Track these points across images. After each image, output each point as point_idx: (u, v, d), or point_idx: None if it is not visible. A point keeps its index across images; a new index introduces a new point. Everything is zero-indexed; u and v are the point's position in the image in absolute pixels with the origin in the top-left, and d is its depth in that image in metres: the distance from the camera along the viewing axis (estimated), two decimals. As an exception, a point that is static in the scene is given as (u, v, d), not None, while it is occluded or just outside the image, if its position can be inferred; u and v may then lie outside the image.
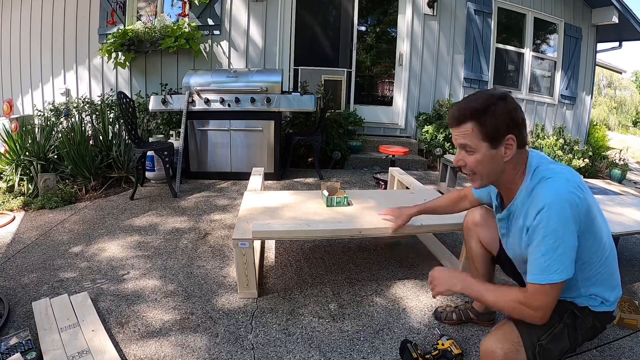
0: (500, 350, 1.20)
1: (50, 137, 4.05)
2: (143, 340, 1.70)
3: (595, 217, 1.17)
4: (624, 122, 18.31)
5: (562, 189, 1.11)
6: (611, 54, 37.06)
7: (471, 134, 1.18)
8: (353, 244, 2.68)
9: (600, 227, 1.20)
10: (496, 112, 1.16)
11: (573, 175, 1.17)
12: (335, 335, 1.76)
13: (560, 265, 1.10)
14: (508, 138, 1.17)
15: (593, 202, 1.17)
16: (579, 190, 1.12)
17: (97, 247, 2.60)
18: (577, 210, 1.10)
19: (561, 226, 1.09)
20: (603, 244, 1.21)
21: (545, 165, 1.21)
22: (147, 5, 5.38)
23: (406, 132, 5.81)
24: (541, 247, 1.12)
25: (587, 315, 1.26)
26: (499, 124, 1.16)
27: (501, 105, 1.16)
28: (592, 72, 6.83)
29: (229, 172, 4.24)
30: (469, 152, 1.21)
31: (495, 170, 1.23)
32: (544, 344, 1.21)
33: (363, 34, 6.15)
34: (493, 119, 1.16)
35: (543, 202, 1.12)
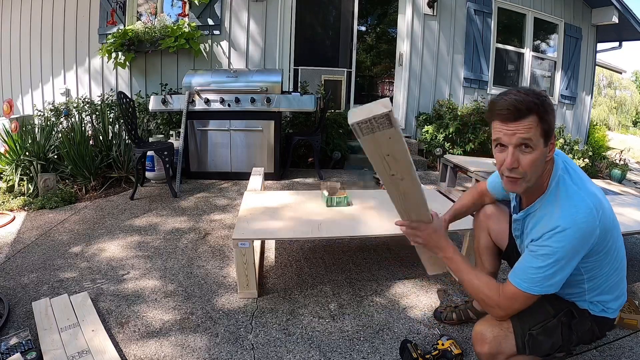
0: (490, 333, 1.24)
1: (50, 137, 4.05)
2: (143, 340, 1.70)
3: (612, 234, 1.15)
4: (624, 122, 18.31)
5: (580, 216, 1.07)
6: (611, 54, 37.09)
7: (535, 129, 1.07)
8: (353, 244, 2.68)
9: (616, 241, 1.18)
10: (551, 107, 1.10)
11: (593, 195, 1.12)
12: (335, 335, 1.76)
13: (545, 283, 1.12)
14: (553, 136, 1.14)
15: (611, 217, 1.14)
16: (597, 215, 1.08)
17: (97, 247, 2.60)
18: (588, 239, 1.09)
19: (565, 253, 1.08)
20: (615, 257, 1.20)
21: (570, 176, 1.16)
22: (146, 3, 5.38)
23: (406, 132, 5.81)
24: (538, 260, 1.12)
25: (586, 318, 1.26)
26: (552, 120, 1.11)
27: (550, 101, 1.12)
28: (592, 72, 6.83)
29: (229, 172, 4.24)
30: (525, 151, 1.09)
31: (540, 171, 1.15)
32: (534, 334, 1.23)
33: (363, 34, 6.15)
34: (549, 114, 1.09)
35: (558, 223, 1.09)
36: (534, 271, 1.12)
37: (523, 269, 1.15)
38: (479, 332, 1.28)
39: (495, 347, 1.24)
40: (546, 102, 1.09)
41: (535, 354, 1.24)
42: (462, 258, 1.27)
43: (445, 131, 5.12)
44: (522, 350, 1.23)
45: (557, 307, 1.27)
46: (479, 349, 1.28)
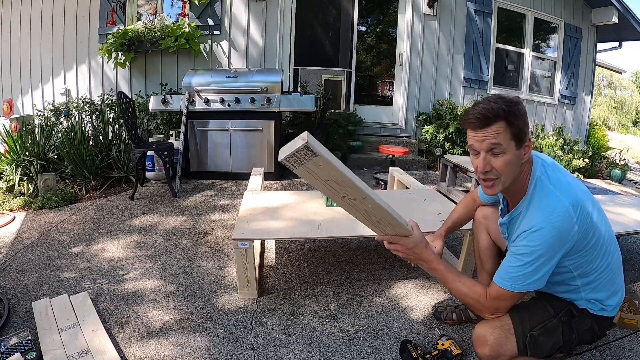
0: (491, 335, 1.25)
1: (50, 137, 4.05)
2: (143, 340, 1.70)
3: (597, 230, 1.17)
4: (624, 122, 18.31)
5: (555, 216, 1.12)
6: (611, 54, 37.10)
7: (504, 133, 1.14)
8: (353, 244, 2.68)
9: (602, 237, 1.20)
10: (520, 112, 1.16)
11: (572, 194, 1.15)
12: (335, 335, 1.76)
13: (525, 280, 1.15)
14: (528, 139, 1.19)
15: (593, 216, 1.17)
16: (574, 214, 1.12)
17: (97, 247, 2.60)
18: (565, 237, 1.12)
19: (542, 252, 1.13)
20: (604, 252, 1.22)
21: (547, 176, 1.20)
22: (146, 3, 5.38)
23: (406, 132, 5.81)
24: (516, 259, 1.16)
25: (585, 317, 1.27)
26: (523, 124, 1.16)
27: (521, 106, 1.17)
28: (592, 72, 6.83)
29: (229, 172, 4.24)
30: (496, 154, 1.16)
31: (516, 172, 1.21)
32: (536, 335, 1.24)
33: (363, 34, 6.15)
34: (519, 119, 1.15)
35: (533, 223, 1.14)
36: (514, 270, 1.16)
37: (504, 268, 1.19)
38: (480, 334, 1.28)
39: (497, 349, 1.24)
40: (515, 108, 1.15)
41: (536, 355, 1.24)
42: (445, 267, 1.28)
43: (445, 131, 5.12)
44: (523, 351, 1.23)
45: (557, 307, 1.28)
46: (480, 351, 1.28)
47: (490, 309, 1.23)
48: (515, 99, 1.18)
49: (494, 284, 1.20)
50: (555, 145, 5.49)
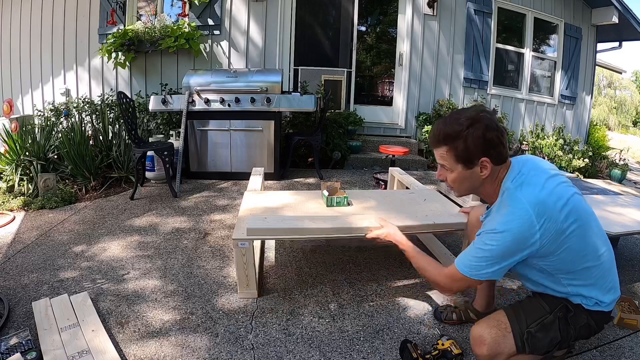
0: (488, 335, 1.28)
1: (50, 137, 4.05)
2: (143, 340, 1.70)
3: (570, 235, 1.20)
4: (624, 122, 18.30)
5: (514, 224, 1.18)
6: (611, 54, 37.06)
7: (447, 156, 1.28)
8: (353, 244, 2.68)
9: (579, 240, 1.22)
10: (467, 137, 1.23)
11: (540, 202, 1.18)
12: (335, 335, 1.76)
13: (479, 270, 1.24)
14: (482, 160, 1.25)
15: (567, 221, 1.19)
16: (536, 222, 1.17)
17: (97, 247, 2.60)
18: (523, 243, 1.19)
19: (497, 253, 1.21)
20: (585, 254, 1.23)
21: (519, 183, 1.24)
22: (146, 5, 5.38)
23: (406, 132, 5.81)
24: (477, 250, 1.25)
25: (581, 312, 1.28)
26: (471, 148, 1.24)
27: (472, 130, 1.23)
28: (592, 72, 6.83)
29: (229, 172, 4.24)
30: (447, 169, 1.31)
31: (474, 185, 1.32)
32: (533, 332, 1.26)
33: (363, 34, 6.15)
34: (464, 143, 1.23)
35: (495, 226, 1.22)
36: (472, 259, 1.26)
37: (466, 253, 1.29)
38: (477, 334, 1.30)
39: (494, 348, 1.25)
40: (463, 132, 1.23)
41: (535, 351, 1.25)
42: (413, 248, 1.53)
43: (445, 131, 5.12)
44: (521, 349, 1.24)
45: (552, 304, 1.30)
46: (478, 351, 1.29)
47: (443, 285, 1.36)
48: (472, 119, 1.24)
49: (452, 265, 1.31)
50: (555, 145, 5.48)
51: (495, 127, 1.25)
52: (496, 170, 1.29)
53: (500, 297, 2.08)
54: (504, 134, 1.27)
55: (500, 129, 1.26)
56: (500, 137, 1.25)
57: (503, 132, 1.26)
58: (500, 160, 1.28)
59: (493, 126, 1.24)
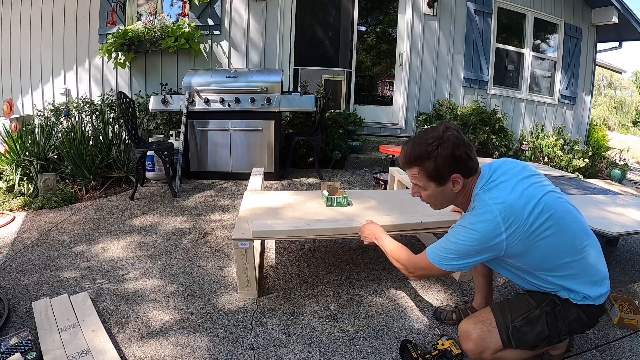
0: (473, 330, 1.33)
1: (50, 137, 4.05)
2: (143, 340, 1.70)
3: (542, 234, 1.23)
4: (624, 122, 18.30)
5: (480, 225, 1.24)
6: (611, 54, 37.07)
7: (419, 176, 1.34)
8: (353, 244, 2.68)
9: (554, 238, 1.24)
10: (437, 157, 1.28)
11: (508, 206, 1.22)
12: (335, 335, 1.76)
13: (447, 262, 1.30)
14: (454, 177, 1.31)
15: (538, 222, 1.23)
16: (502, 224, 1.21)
17: (97, 247, 2.60)
18: (488, 242, 1.24)
19: (464, 249, 1.26)
20: (561, 251, 1.26)
21: (487, 189, 1.29)
22: (146, 3, 5.38)
23: (406, 132, 5.81)
24: (447, 242, 1.32)
25: (570, 307, 1.30)
26: (441, 167, 1.29)
27: (441, 150, 1.28)
28: (592, 72, 6.83)
29: (229, 172, 4.24)
30: (420, 187, 1.38)
31: (448, 199, 1.39)
32: (518, 326, 1.30)
33: (363, 34, 6.15)
34: (434, 163, 1.29)
35: (463, 223, 1.29)
36: (440, 249, 1.33)
37: (437, 243, 1.35)
38: (464, 330, 1.36)
39: (480, 343, 1.29)
40: (433, 152, 1.28)
41: (521, 346, 1.29)
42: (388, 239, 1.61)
43: (445, 131, 5.11)
44: (507, 343, 1.28)
45: (538, 299, 1.34)
46: (465, 347, 1.35)
47: (410, 269, 1.43)
48: (439, 139, 1.28)
49: (424, 252, 1.37)
50: (555, 145, 5.48)
51: (462, 143, 1.29)
52: (467, 182, 1.34)
53: (499, 297, 2.08)
54: (472, 148, 1.32)
55: (467, 144, 1.30)
56: (468, 152, 1.30)
57: (471, 147, 1.32)
58: (470, 173, 1.33)
59: (460, 143, 1.29)
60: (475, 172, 1.34)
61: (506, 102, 6.08)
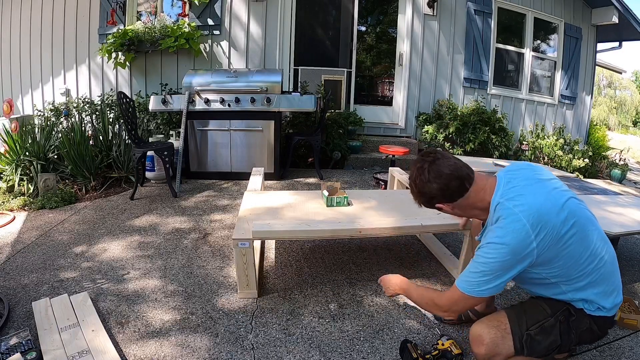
0: (487, 335, 1.28)
1: (50, 137, 4.05)
2: (143, 340, 1.70)
3: (569, 240, 1.20)
4: (624, 122, 18.31)
5: (509, 237, 1.19)
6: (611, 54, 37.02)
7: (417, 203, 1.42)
8: (353, 244, 2.68)
9: (579, 244, 1.21)
10: (416, 198, 1.39)
11: (534, 212, 1.19)
12: (335, 335, 1.76)
13: (480, 287, 1.23)
14: (437, 207, 1.35)
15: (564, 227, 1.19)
16: (531, 232, 1.17)
17: (97, 247, 2.60)
18: (520, 253, 1.19)
19: (496, 266, 1.21)
20: (585, 259, 1.23)
21: (505, 201, 1.25)
22: (146, 3, 5.38)
23: (406, 132, 5.81)
24: (476, 266, 1.25)
25: (584, 317, 1.27)
26: (422, 204, 1.38)
27: (413, 190, 1.36)
28: (592, 72, 6.82)
29: (229, 172, 4.24)
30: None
31: (460, 214, 1.40)
32: (532, 334, 1.26)
33: (363, 34, 6.15)
34: (418, 200, 1.39)
35: (491, 240, 1.23)
36: (471, 276, 1.25)
37: (464, 272, 1.29)
38: (476, 334, 1.31)
39: (493, 349, 1.25)
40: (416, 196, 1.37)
41: (533, 354, 1.25)
42: (414, 289, 1.53)
43: (445, 131, 5.12)
44: (520, 350, 1.24)
45: (554, 307, 1.29)
46: (476, 350, 1.29)
47: (447, 308, 1.33)
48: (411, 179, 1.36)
49: (454, 285, 1.30)
50: (556, 145, 5.48)
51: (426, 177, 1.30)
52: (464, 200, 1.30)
53: (500, 297, 2.08)
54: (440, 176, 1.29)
55: (438, 175, 1.28)
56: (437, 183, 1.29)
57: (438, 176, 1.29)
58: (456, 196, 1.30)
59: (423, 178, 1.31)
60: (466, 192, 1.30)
61: (506, 102, 6.08)
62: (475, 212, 1.35)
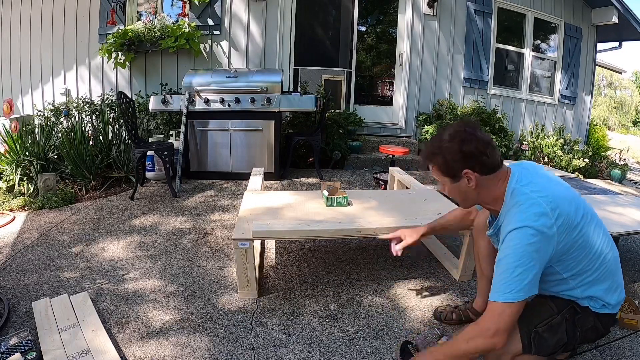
0: None
1: (50, 137, 4.05)
2: (143, 340, 1.70)
3: (582, 231, 1.19)
4: (624, 122, 18.31)
5: (531, 217, 1.15)
6: (611, 54, 37.03)
7: (436, 172, 1.33)
8: (353, 244, 2.68)
9: (589, 237, 1.21)
10: (445, 152, 1.27)
11: (550, 197, 1.17)
12: (335, 335, 1.76)
13: (517, 286, 1.13)
14: (465, 172, 1.26)
15: (577, 217, 1.19)
16: (551, 215, 1.14)
17: (97, 247, 2.60)
18: (545, 237, 1.14)
19: (523, 250, 1.13)
20: (594, 253, 1.22)
21: (525, 183, 1.23)
22: (146, 3, 5.38)
23: (406, 132, 5.81)
24: (501, 266, 1.17)
25: (589, 315, 1.27)
26: (450, 162, 1.27)
27: (449, 145, 1.26)
28: (592, 72, 6.83)
29: (229, 172, 4.24)
30: (440, 183, 1.37)
31: (470, 196, 1.33)
32: (540, 332, 1.25)
33: (363, 34, 6.15)
34: (443, 159, 1.28)
35: (512, 225, 1.17)
36: (501, 278, 1.16)
37: (495, 280, 1.18)
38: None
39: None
40: (442, 148, 1.27)
41: (540, 352, 1.24)
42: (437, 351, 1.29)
43: (445, 131, 5.12)
44: (527, 349, 1.23)
45: (560, 305, 1.29)
46: None
47: (491, 331, 1.14)
48: (450, 134, 1.27)
49: (489, 303, 1.17)
50: (556, 145, 5.48)
51: (473, 139, 1.24)
52: (488, 180, 1.27)
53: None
54: (487, 144, 1.25)
55: (481, 140, 1.24)
56: (480, 148, 1.24)
57: (485, 143, 1.24)
58: (487, 170, 1.26)
59: (470, 138, 1.24)
60: (495, 171, 1.27)
61: (506, 102, 6.08)
62: (490, 200, 1.32)
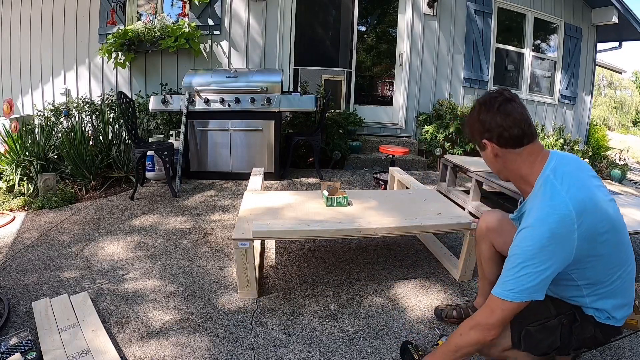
0: None
1: (50, 137, 4.05)
2: (143, 340, 1.70)
3: (606, 241, 1.12)
4: (624, 122, 18.32)
5: (553, 218, 1.07)
6: (611, 54, 37.04)
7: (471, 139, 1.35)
8: (353, 244, 2.68)
9: (612, 249, 1.14)
10: (469, 120, 1.30)
11: (581, 199, 1.09)
12: (335, 335, 1.76)
13: (520, 286, 1.08)
14: (483, 142, 1.27)
15: (604, 225, 1.11)
16: (575, 220, 1.07)
17: (97, 247, 2.60)
18: (562, 242, 1.07)
19: (534, 252, 1.07)
20: (614, 266, 1.16)
21: (560, 175, 1.15)
22: (146, 3, 5.38)
23: (406, 132, 5.81)
24: (510, 261, 1.12)
25: (589, 324, 1.23)
26: (471, 130, 1.31)
27: (473, 113, 1.28)
28: (592, 72, 6.83)
29: (229, 172, 4.24)
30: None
31: (496, 167, 1.31)
32: (532, 331, 1.22)
33: (363, 34, 6.15)
34: (467, 127, 1.32)
35: (530, 221, 1.11)
36: (509, 275, 1.11)
37: (502, 274, 1.15)
38: None
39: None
40: (468, 119, 1.31)
41: (529, 350, 1.22)
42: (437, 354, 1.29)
43: (445, 131, 5.12)
44: (517, 344, 1.21)
45: (560, 308, 1.25)
46: None
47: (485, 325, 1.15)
48: (479, 102, 1.28)
49: (490, 294, 1.16)
50: (556, 145, 5.48)
51: (494, 109, 1.20)
52: (514, 154, 1.21)
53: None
54: (506, 115, 1.18)
55: (505, 112, 1.18)
56: (500, 120, 1.19)
57: (504, 114, 1.19)
58: (506, 143, 1.20)
59: (491, 108, 1.20)
60: (520, 146, 1.20)
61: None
62: (517, 176, 1.26)
